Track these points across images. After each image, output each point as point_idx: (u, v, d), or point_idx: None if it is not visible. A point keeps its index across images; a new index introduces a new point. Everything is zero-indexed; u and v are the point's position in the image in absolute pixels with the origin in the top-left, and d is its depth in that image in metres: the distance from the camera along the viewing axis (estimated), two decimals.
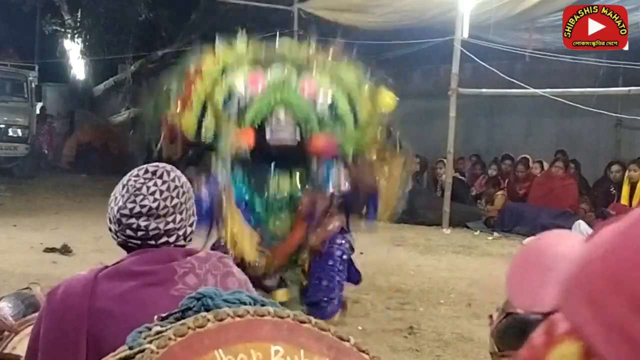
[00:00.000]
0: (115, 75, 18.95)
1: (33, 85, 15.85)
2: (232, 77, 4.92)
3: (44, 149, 17.78)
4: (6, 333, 1.94)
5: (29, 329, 1.92)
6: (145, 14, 16.70)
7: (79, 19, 18.51)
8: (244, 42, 5.09)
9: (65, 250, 7.32)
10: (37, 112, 17.12)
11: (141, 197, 1.68)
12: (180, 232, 1.73)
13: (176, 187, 1.71)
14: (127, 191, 1.70)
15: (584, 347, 0.56)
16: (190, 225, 1.77)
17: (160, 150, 5.02)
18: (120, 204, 1.69)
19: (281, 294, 5.07)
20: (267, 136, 4.89)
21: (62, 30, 18.93)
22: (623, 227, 0.57)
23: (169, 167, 1.76)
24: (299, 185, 5.09)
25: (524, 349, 0.63)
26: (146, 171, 1.72)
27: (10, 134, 15.03)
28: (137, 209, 1.68)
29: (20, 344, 1.93)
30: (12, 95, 15.54)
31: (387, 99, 5.19)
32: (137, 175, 1.71)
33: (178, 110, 4.92)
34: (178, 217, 1.71)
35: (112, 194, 1.75)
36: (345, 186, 5.05)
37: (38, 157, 16.62)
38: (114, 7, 16.82)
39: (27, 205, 10.89)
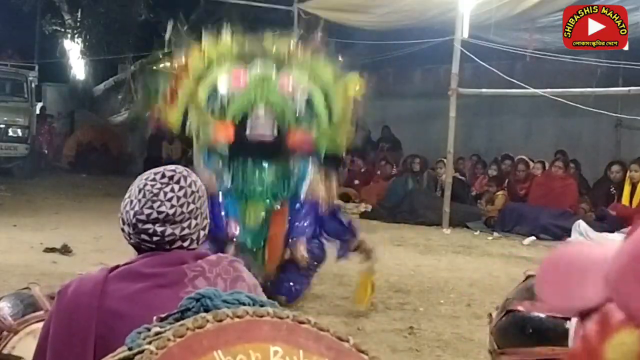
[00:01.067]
0: (115, 75, 18.95)
1: (33, 85, 15.85)
2: (217, 73, 5.17)
3: (44, 149, 17.78)
4: (5, 333, 1.94)
5: (28, 329, 1.92)
6: (145, 14, 16.71)
7: (79, 19, 18.52)
8: (229, 36, 5.29)
9: (65, 250, 7.31)
10: (37, 112, 17.12)
11: (158, 203, 1.66)
12: (194, 237, 1.73)
13: (193, 192, 1.70)
14: (144, 196, 1.67)
15: None
16: (204, 229, 1.76)
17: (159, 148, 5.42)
18: (137, 208, 1.67)
19: None
20: (247, 131, 5.12)
21: (62, 30, 18.93)
22: None
23: (185, 171, 1.74)
24: (277, 179, 5.32)
25: (576, 342, 0.64)
26: (163, 175, 1.70)
27: (10, 134, 15.03)
28: (154, 215, 1.66)
29: (19, 344, 1.93)
30: (12, 95, 15.55)
31: (355, 84, 5.37)
32: (154, 180, 1.69)
33: (165, 105, 5.21)
34: (193, 223, 1.71)
35: (127, 196, 1.72)
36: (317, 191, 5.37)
37: (38, 157, 16.62)
38: (114, 7, 16.81)
39: (27, 205, 10.89)
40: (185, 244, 1.71)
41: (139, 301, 1.58)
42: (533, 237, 9.36)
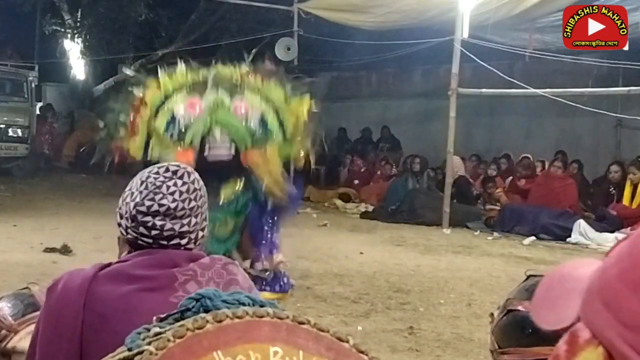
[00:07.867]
0: (115, 75, 18.94)
1: (33, 85, 15.84)
2: (173, 103, 5.54)
3: (44, 149, 17.77)
4: (5, 333, 1.94)
5: (28, 329, 1.92)
6: (145, 14, 16.70)
7: (79, 19, 18.50)
8: (183, 70, 5.65)
9: (65, 250, 7.32)
10: (37, 112, 17.12)
11: (160, 195, 1.65)
12: (192, 236, 1.71)
13: (195, 189, 1.69)
14: (146, 188, 1.66)
15: (605, 351, 0.58)
16: (202, 230, 1.74)
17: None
18: (138, 200, 1.66)
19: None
20: (206, 153, 5.45)
21: (62, 30, 18.90)
22: (634, 237, 0.60)
23: (189, 168, 1.73)
24: (242, 190, 5.65)
25: None
26: (167, 170, 1.69)
27: (10, 134, 15.02)
28: (155, 207, 1.64)
29: (19, 343, 1.93)
30: (12, 95, 15.53)
31: (305, 106, 5.73)
32: (158, 173, 1.68)
33: (126, 136, 5.58)
34: (193, 220, 1.69)
35: (128, 188, 1.71)
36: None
37: (38, 157, 16.60)
38: (114, 7, 16.81)
39: (27, 205, 10.88)
40: (183, 241, 1.69)
41: (126, 304, 1.57)
42: (533, 237, 9.36)
